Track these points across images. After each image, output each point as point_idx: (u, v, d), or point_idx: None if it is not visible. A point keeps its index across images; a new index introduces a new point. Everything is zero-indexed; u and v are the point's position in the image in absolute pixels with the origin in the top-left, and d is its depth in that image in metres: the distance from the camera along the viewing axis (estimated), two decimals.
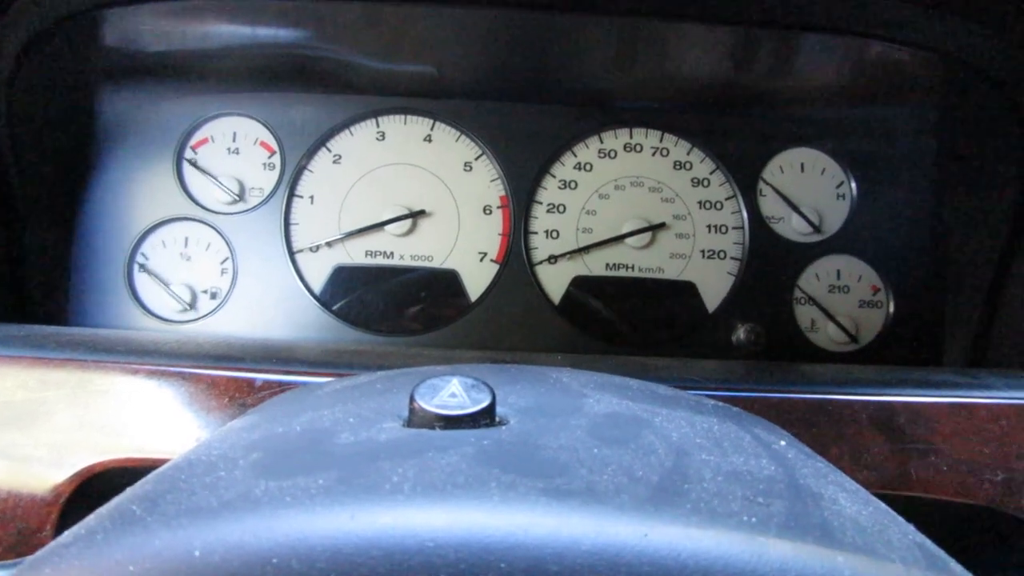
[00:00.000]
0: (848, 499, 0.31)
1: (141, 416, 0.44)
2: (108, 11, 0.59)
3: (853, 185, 0.62)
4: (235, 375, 0.45)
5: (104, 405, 0.44)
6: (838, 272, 0.62)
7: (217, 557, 0.24)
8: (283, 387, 0.42)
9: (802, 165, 0.61)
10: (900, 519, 0.30)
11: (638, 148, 0.63)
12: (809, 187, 0.65)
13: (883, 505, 0.31)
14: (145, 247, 0.62)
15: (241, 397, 0.44)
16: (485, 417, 0.31)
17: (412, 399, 0.31)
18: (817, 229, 0.59)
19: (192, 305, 0.60)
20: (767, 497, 0.29)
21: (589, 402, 0.35)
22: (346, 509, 0.25)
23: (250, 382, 0.45)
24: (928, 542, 0.29)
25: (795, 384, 0.50)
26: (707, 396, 0.39)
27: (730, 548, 0.25)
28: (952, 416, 0.47)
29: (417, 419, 0.31)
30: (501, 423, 0.32)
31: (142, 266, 0.61)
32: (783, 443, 0.35)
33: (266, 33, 0.62)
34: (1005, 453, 0.47)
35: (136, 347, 0.48)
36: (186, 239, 0.61)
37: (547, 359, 0.48)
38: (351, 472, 0.27)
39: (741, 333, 0.58)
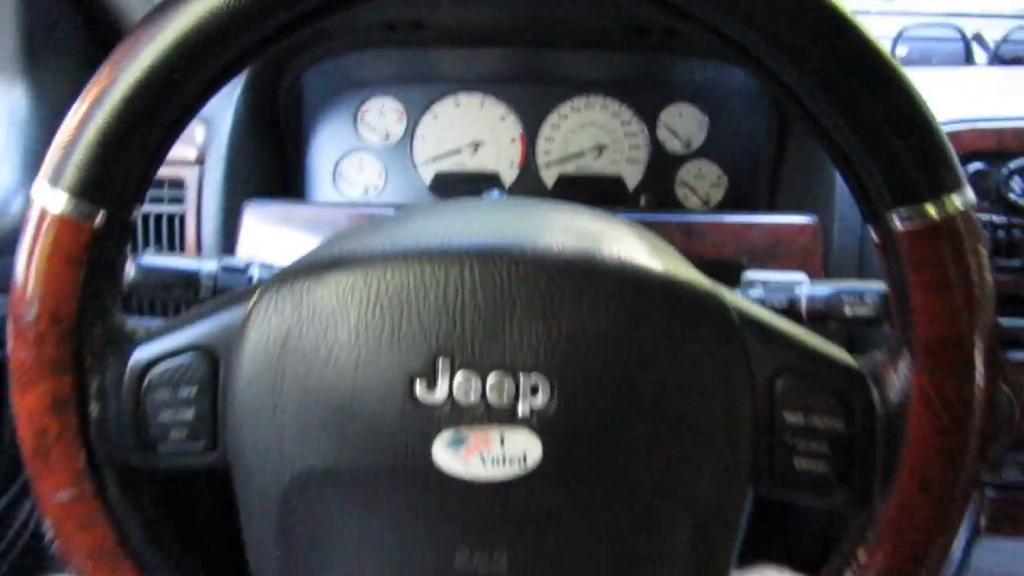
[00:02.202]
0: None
1: None
2: None
3: (707, 120, 1.01)
4: None
5: None
6: (699, 169, 1.02)
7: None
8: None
9: (680, 112, 1.02)
10: None
11: (590, 107, 1.03)
12: (681, 123, 1.02)
13: None
14: (342, 165, 1.06)
15: None
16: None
17: None
18: (687, 146, 1.01)
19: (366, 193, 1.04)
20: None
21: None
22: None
23: None
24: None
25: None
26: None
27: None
28: None
29: None
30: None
31: (340, 175, 1.05)
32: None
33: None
34: None
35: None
36: (360, 160, 1.05)
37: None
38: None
39: (643, 200, 1.06)
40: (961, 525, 0.40)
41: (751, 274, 0.68)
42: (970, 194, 0.38)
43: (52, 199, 0.41)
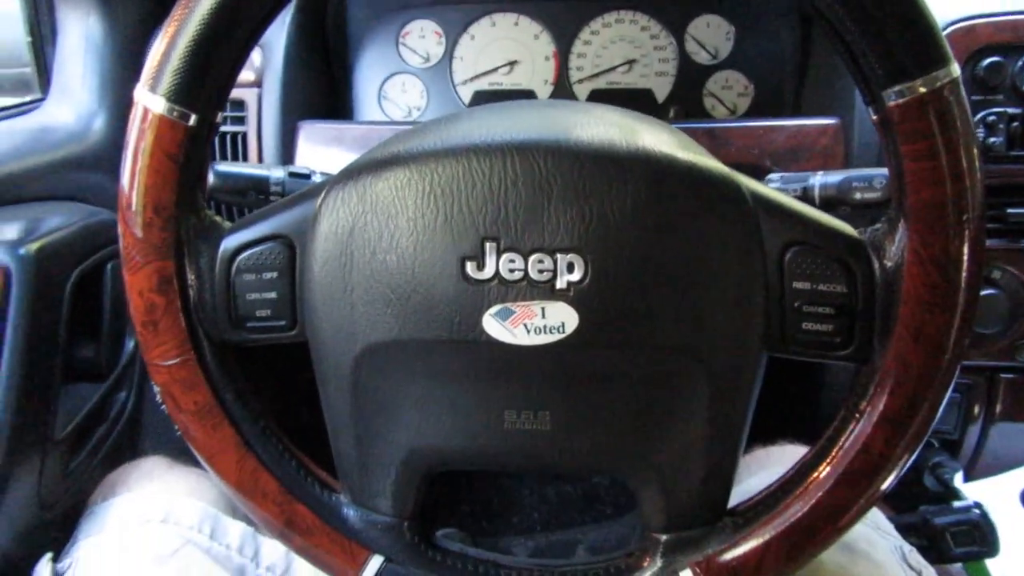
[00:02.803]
0: None
1: None
2: None
3: (733, 31, 1.04)
4: None
5: None
6: (726, 79, 1.05)
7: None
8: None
9: (707, 23, 1.05)
10: None
11: (620, 21, 1.06)
12: (708, 34, 1.04)
13: None
14: (386, 87, 1.11)
15: None
16: None
17: None
18: (714, 57, 1.05)
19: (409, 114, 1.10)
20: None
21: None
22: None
23: None
24: None
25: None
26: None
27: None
28: None
29: None
30: None
31: (385, 96, 1.10)
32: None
33: None
34: None
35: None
36: (403, 82, 1.11)
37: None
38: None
39: (672, 112, 1.10)
40: (953, 379, 0.43)
41: (773, 174, 0.73)
42: (955, 69, 0.43)
43: (152, 102, 0.48)
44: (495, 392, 0.46)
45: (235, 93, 0.94)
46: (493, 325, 0.43)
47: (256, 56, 0.95)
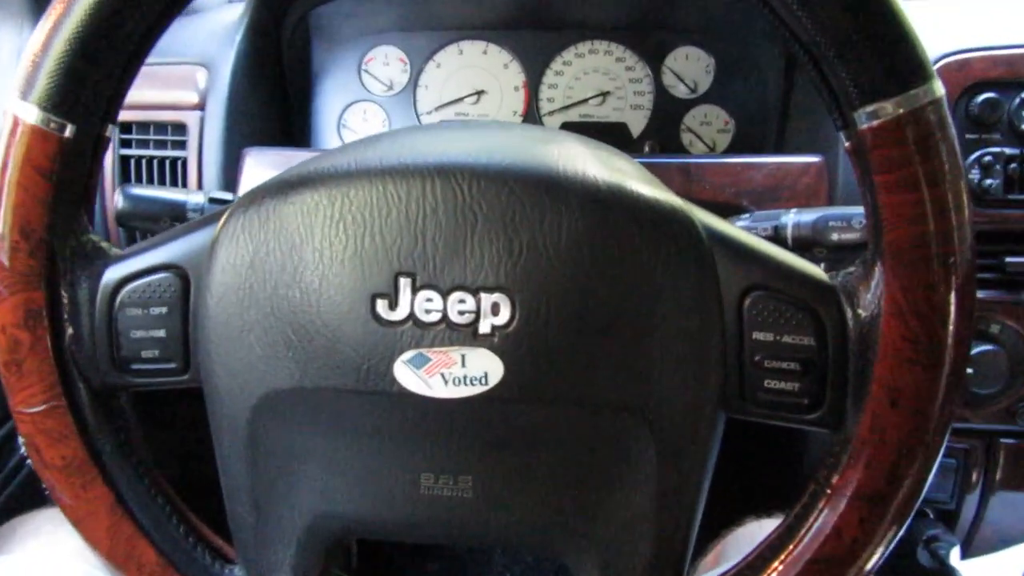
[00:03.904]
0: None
1: None
2: None
3: (713, 63, 0.99)
4: None
5: None
6: (705, 114, 1.00)
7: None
8: None
9: (687, 56, 0.99)
10: None
11: (594, 52, 1.01)
12: (687, 66, 0.99)
13: None
14: (346, 115, 1.06)
15: None
16: None
17: None
18: (693, 91, 1.00)
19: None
20: None
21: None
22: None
23: None
24: None
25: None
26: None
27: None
28: None
29: None
30: None
31: (344, 125, 1.05)
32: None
33: None
34: None
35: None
36: (364, 110, 1.05)
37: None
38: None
39: (647, 147, 1.04)
40: (940, 450, 0.38)
41: (745, 213, 0.66)
42: (938, 88, 0.37)
43: (23, 111, 0.41)
44: (409, 452, 0.41)
45: (175, 116, 0.88)
46: (406, 374, 0.39)
47: (200, 76, 0.89)
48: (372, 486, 0.42)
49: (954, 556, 0.88)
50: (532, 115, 1.03)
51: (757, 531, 0.69)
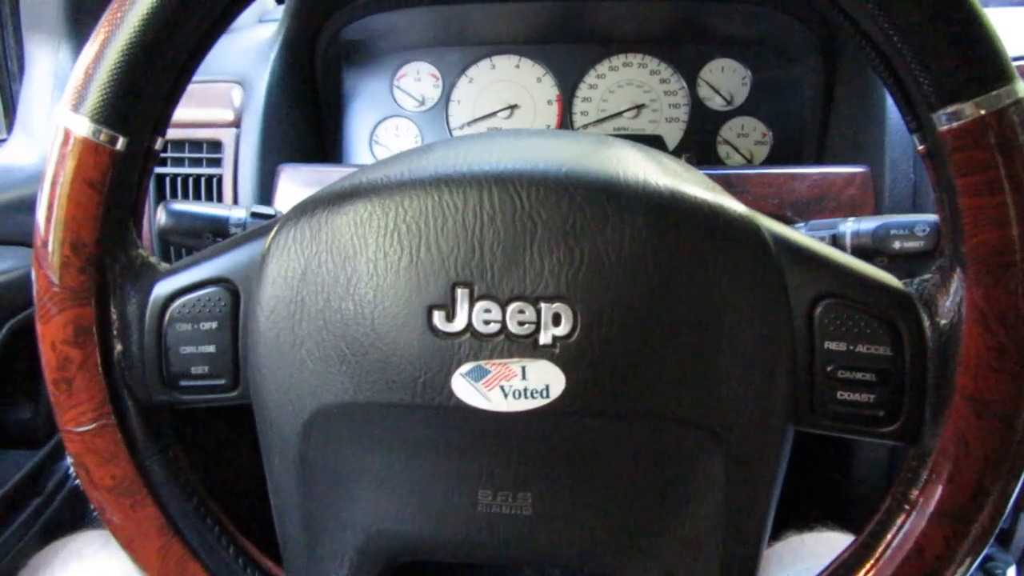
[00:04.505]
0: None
1: None
2: None
3: (750, 75, 0.98)
4: None
5: None
6: (742, 126, 0.99)
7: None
8: None
9: (722, 68, 0.99)
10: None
11: (628, 65, 1.01)
12: (723, 78, 0.99)
13: None
14: (378, 131, 1.06)
15: None
16: None
17: None
18: (729, 103, 0.99)
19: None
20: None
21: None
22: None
23: None
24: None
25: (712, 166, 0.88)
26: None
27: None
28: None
29: None
30: None
31: (376, 141, 1.05)
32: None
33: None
34: None
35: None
36: (396, 126, 1.06)
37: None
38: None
39: (683, 159, 1.03)
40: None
41: (797, 224, 0.65)
42: (1020, 88, 0.35)
43: (74, 123, 0.41)
44: (466, 467, 0.40)
45: (211, 133, 0.88)
46: (464, 387, 0.37)
47: (236, 94, 0.89)
48: (427, 503, 0.41)
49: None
50: (566, 128, 1.02)
51: (799, 545, 0.67)
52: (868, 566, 0.39)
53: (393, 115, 1.05)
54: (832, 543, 0.62)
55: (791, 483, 0.41)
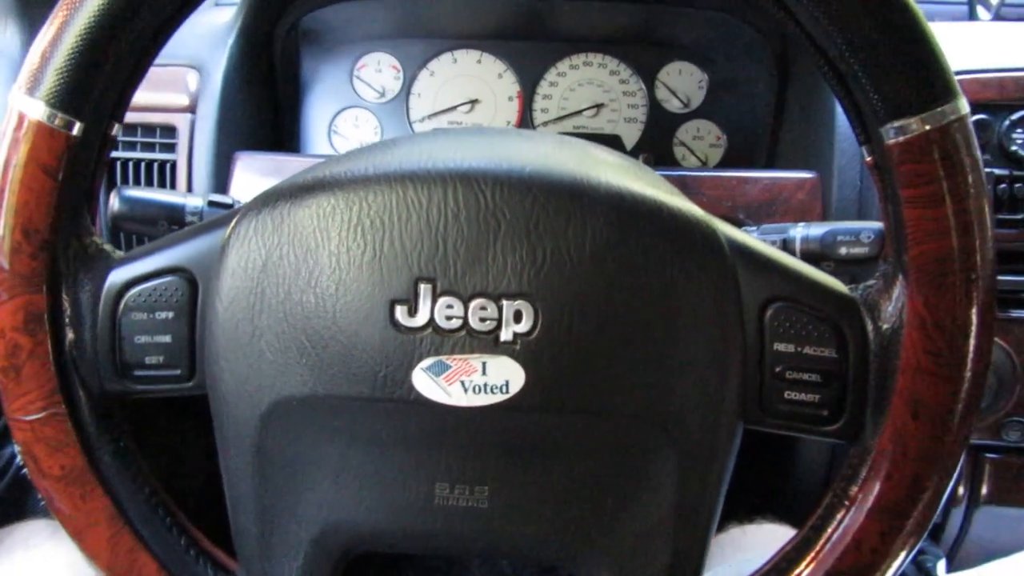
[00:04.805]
0: None
1: None
2: None
3: (707, 79, 1.00)
4: None
5: None
6: (698, 128, 1.01)
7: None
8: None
9: (680, 71, 1.01)
10: None
11: (588, 64, 1.02)
12: (680, 81, 1.01)
13: None
14: (337, 121, 1.04)
15: None
16: None
17: None
18: (686, 105, 1.01)
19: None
20: None
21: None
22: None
23: None
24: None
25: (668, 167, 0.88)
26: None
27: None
28: None
29: None
30: None
31: (335, 131, 1.04)
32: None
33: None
34: None
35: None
36: (356, 116, 1.04)
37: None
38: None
39: (640, 160, 1.05)
40: (958, 463, 0.39)
41: (748, 227, 0.67)
42: (964, 105, 0.37)
43: (29, 107, 0.40)
44: (424, 461, 0.40)
45: (166, 118, 0.87)
46: (425, 381, 0.38)
47: (192, 79, 0.88)
48: (384, 496, 0.41)
49: (940, 569, 0.90)
50: (526, 125, 1.03)
51: (741, 536, 0.69)
52: (809, 558, 0.40)
53: (353, 106, 1.04)
54: (772, 535, 0.65)
55: (735, 476, 0.42)
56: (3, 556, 0.61)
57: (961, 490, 0.84)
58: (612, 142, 1.01)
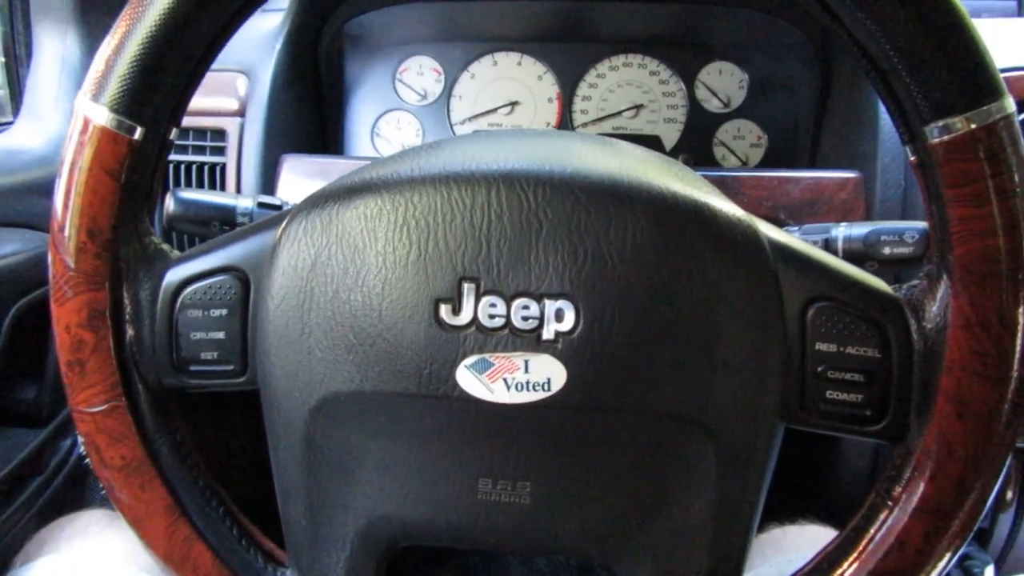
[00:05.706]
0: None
1: None
2: None
3: (747, 79, 1.00)
4: None
5: None
6: (738, 128, 1.01)
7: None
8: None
9: (720, 71, 1.00)
10: None
11: (628, 65, 1.03)
12: (720, 81, 1.00)
13: None
14: (380, 123, 1.06)
15: None
16: None
17: None
18: (726, 105, 1.00)
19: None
20: None
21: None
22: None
23: None
24: None
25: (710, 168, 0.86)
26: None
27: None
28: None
29: None
30: None
31: (378, 134, 1.06)
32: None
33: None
34: None
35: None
36: (398, 119, 1.06)
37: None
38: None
39: (680, 160, 1.05)
40: (1005, 464, 0.38)
41: (790, 227, 0.66)
42: (1010, 104, 0.37)
43: (94, 112, 0.42)
44: (468, 457, 0.41)
45: (216, 122, 0.89)
46: (468, 378, 0.38)
47: (241, 84, 0.90)
48: (428, 490, 0.42)
49: (988, 574, 0.88)
50: (566, 127, 1.04)
51: (782, 538, 0.68)
52: (852, 558, 0.40)
53: (395, 108, 1.06)
54: (813, 536, 0.64)
55: (775, 477, 0.42)
56: (63, 544, 0.64)
57: (1010, 495, 0.83)
58: (652, 143, 1.01)
